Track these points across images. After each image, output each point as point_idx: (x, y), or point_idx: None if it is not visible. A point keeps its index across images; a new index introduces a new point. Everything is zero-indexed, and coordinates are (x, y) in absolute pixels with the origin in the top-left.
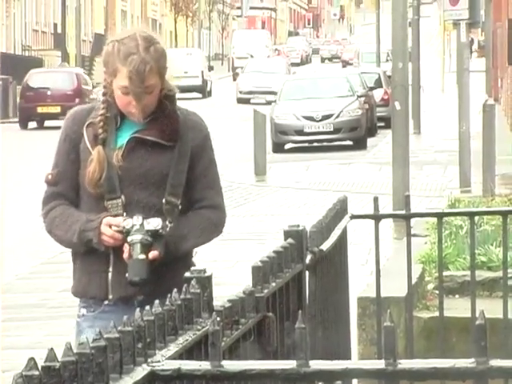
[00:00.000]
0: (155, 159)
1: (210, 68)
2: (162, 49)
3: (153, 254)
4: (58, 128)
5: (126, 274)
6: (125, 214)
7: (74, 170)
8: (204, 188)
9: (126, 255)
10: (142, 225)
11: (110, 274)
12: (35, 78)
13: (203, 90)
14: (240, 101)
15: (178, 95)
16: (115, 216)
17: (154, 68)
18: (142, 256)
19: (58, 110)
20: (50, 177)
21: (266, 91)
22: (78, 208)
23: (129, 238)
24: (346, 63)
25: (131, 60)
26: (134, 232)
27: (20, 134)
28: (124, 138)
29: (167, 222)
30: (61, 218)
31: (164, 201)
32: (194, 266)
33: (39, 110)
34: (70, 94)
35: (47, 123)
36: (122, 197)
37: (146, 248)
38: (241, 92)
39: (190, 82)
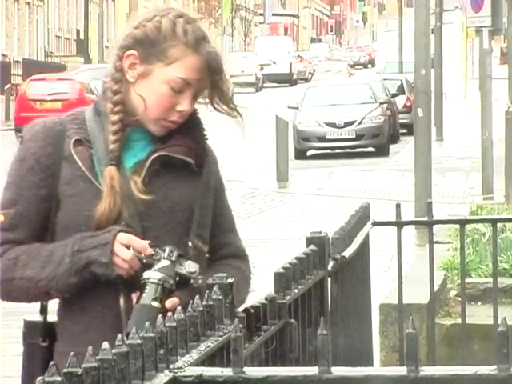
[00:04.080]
0: (182, 188)
1: (262, 68)
2: None
3: (172, 302)
4: None
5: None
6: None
7: (41, 211)
8: (224, 231)
9: (135, 300)
10: (174, 262)
11: None
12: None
13: (257, 86)
14: None
15: (236, 89)
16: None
17: None
18: (156, 304)
19: None
20: (1, 218)
21: None
22: None
23: (145, 274)
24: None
25: (206, 47)
26: (158, 269)
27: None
28: (132, 159)
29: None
30: (29, 254)
31: (190, 244)
32: None
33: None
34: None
35: None
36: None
37: (165, 295)
38: None
39: (246, 79)
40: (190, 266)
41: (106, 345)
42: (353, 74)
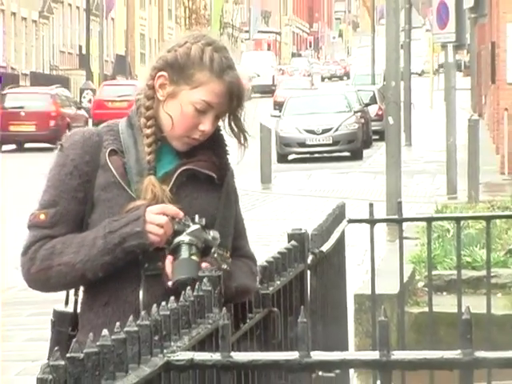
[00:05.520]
0: (205, 198)
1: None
2: None
3: (206, 264)
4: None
5: (169, 283)
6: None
7: (79, 212)
8: (236, 237)
9: (168, 262)
10: (203, 228)
11: None
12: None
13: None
14: None
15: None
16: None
17: None
18: (195, 257)
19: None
20: (42, 217)
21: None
22: None
23: (177, 239)
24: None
25: (230, 76)
26: (189, 233)
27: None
28: (161, 170)
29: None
30: (63, 243)
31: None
32: None
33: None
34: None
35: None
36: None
37: (199, 253)
38: None
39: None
40: (214, 233)
41: (105, 332)
42: (316, 89)
